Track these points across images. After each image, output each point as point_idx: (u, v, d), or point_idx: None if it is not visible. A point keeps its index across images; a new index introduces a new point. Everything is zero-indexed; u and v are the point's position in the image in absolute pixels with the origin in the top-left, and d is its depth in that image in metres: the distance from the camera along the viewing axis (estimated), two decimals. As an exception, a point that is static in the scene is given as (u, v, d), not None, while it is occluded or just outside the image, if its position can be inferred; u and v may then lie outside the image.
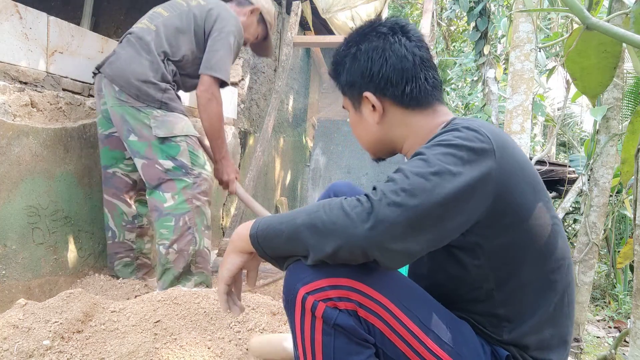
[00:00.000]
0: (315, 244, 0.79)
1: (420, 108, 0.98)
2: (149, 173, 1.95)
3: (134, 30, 2.06)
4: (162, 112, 1.93)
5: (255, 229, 0.87)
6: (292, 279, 0.85)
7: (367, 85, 0.99)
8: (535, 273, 0.89)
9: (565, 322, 0.94)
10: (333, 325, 0.82)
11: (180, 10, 2.08)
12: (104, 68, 2.00)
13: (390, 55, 0.96)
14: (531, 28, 2.37)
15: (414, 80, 0.96)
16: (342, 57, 1.03)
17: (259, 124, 3.79)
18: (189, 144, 1.97)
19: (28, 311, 1.47)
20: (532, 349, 0.90)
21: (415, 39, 0.99)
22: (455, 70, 7.49)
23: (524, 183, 0.87)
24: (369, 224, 0.74)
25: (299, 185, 4.83)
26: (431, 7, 3.50)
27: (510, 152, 0.86)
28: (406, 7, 10.16)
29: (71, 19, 2.33)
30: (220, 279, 0.96)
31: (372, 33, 1.00)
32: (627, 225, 4.60)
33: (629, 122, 1.65)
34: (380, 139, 1.04)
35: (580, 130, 8.85)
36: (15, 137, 1.83)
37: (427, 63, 0.99)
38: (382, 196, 0.76)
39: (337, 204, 0.79)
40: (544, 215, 0.89)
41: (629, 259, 2.15)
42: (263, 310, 1.86)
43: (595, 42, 1.29)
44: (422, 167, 0.78)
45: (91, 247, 2.23)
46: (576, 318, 2.66)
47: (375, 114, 1.00)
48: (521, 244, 0.87)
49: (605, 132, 2.44)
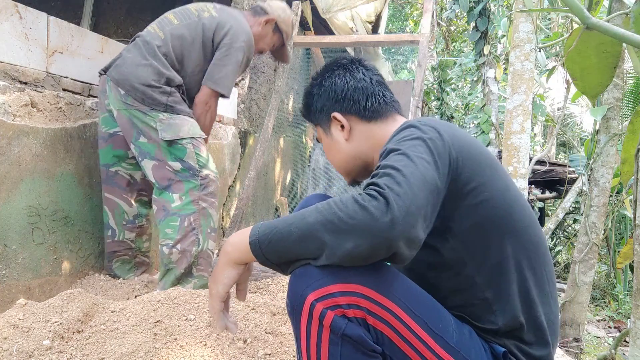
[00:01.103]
0: (333, 241, 0.77)
1: (381, 119, 1.11)
2: (160, 174, 1.98)
3: (142, 33, 2.07)
4: (168, 115, 1.95)
5: (255, 236, 0.84)
6: (300, 284, 0.82)
7: (334, 106, 1.12)
8: (509, 250, 0.91)
9: (550, 300, 0.96)
10: (341, 335, 0.80)
11: (190, 20, 2.09)
12: (111, 71, 2.01)
13: (351, 79, 1.12)
14: (531, 28, 2.37)
15: (373, 97, 1.11)
16: (310, 90, 1.18)
17: (259, 124, 3.79)
18: (195, 145, 1.99)
19: (28, 311, 1.47)
20: (526, 331, 0.92)
21: (371, 68, 1.17)
22: (455, 70, 7.49)
23: (480, 164, 0.92)
24: (388, 216, 0.74)
25: (299, 185, 4.83)
26: (431, 7, 3.50)
27: (461, 137, 0.92)
28: (406, 7, 10.17)
29: (71, 19, 2.33)
30: (214, 295, 0.90)
31: (334, 65, 1.17)
32: (627, 225, 4.60)
33: (629, 122, 1.65)
34: (351, 156, 1.13)
35: (580, 130, 8.84)
36: (15, 137, 1.83)
37: (383, 84, 1.15)
38: (388, 189, 0.77)
39: (350, 200, 0.78)
40: (508, 192, 0.94)
41: (629, 259, 2.15)
42: (263, 310, 1.86)
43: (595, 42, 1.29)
44: (405, 160, 0.82)
45: (91, 247, 2.23)
46: (576, 318, 2.66)
47: (343, 132, 1.12)
48: (491, 222, 0.91)
49: (605, 132, 2.44)
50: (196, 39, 2.06)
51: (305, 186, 4.76)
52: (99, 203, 2.21)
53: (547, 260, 0.98)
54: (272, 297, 2.20)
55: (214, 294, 0.90)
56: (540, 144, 8.78)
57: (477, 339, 0.91)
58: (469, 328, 0.92)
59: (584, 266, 2.61)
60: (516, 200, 0.95)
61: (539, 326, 0.93)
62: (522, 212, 0.95)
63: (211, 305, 0.92)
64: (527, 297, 0.92)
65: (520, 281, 0.92)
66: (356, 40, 3.84)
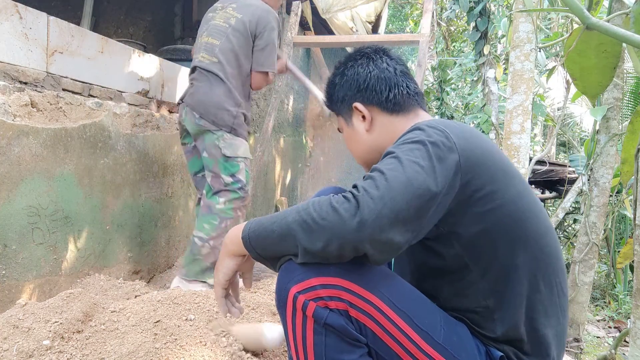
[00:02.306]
0: (306, 240, 0.80)
1: (403, 112, 1.08)
2: (214, 183, 2.32)
3: (198, 65, 2.33)
4: (231, 136, 2.30)
5: (246, 232, 0.88)
6: (284, 278, 0.86)
7: (355, 96, 1.10)
8: (519, 258, 0.90)
9: (558, 312, 0.93)
10: (323, 324, 0.83)
11: (226, 33, 2.34)
12: (186, 99, 2.34)
13: (374, 68, 1.09)
14: (531, 28, 2.37)
15: (396, 87, 1.08)
16: (332, 79, 1.16)
17: (259, 124, 3.79)
18: (246, 165, 2.36)
19: (28, 311, 1.47)
20: (526, 343, 0.90)
21: (396, 57, 1.13)
22: (455, 70, 7.49)
23: (493, 170, 0.90)
24: (357, 218, 0.77)
25: (299, 185, 4.83)
26: (431, 7, 3.50)
27: (474, 141, 0.90)
28: (406, 7, 10.17)
29: (71, 19, 2.33)
30: (216, 283, 0.98)
31: (358, 54, 1.14)
32: (627, 225, 4.60)
33: (629, 122, 1.65)
34: (371, 147, 1.11)
35: (580, 130, 8.84)
36: (15, 137, 1.83)
37: (407, 75, 1.11)
38: (364, 192, 0.79)
39: (326, 201, 0.81)
40: (521, 200, 0.91)
41: (629, 259, 2.15)
42: (263, 310, 1.86)
43: (595, 42, 1.29)
44: (395, 164, 0.83)
45: (91, 247, 2.23)
46: (576, 318, 2.66)
47: (364, 123, 1.10)
48: (500, 230, 0.89)
49: (605, 132, 2.44)
50: (240, 45, 2.33)
51: (305, 186, 4.76)
52: (99, 203, 2.22)
53: (559, 270, 0.95)
54: (272, 297, 2.20)
55: (216, 281, 0.98)
56: (540, 144, 8.78)
57: (472, 340, 0.90)
58: (464, 328, 0.91)
59: (584, 266, 2.61)
60: (530, 208, 0.92)
61: (541, 340, 0.91)
62: (536, 220, 0.93)
63: (215, 292, 0.99)
64: (533, 308, 0.91)
65: (529, 291, 0.90)
66: (356, 40, 3.83)
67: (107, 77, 2.33)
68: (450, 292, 0.94)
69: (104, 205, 2.28)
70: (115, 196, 2.35)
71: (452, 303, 0.94)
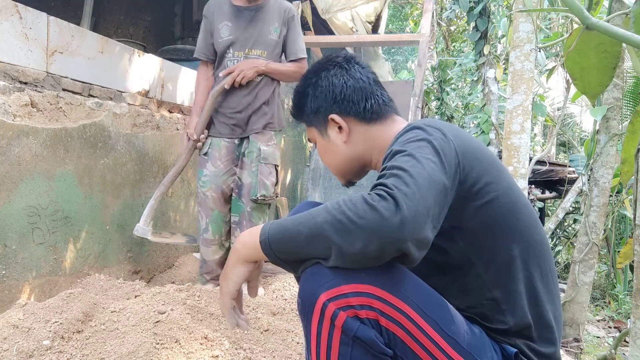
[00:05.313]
0: (342, 241, 0.76)
1: (380, 120, 1.08)
2: None
3: None
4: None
5: (265, 235, 0.84)
6: (312, 283, 0.82)
7: (332, 107, 1.07)
8: (516, 248, 0.92)
9: (554, 297, 0.96)
10: (352, 337, 0.80)
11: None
12: None
13: (349, 78, 1.07)
14: (531, 28, 2.37)
15: (372, 97, 1.07)
16: (303, 89, 1.12)
17: (259, 124, 3.78)
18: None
19: (28, 311, 1.47)
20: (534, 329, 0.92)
21: (366, 66, 1.12)
22: (455, 70, 7.48)
23: (485, 164, 0.92)
24: (398, 216, 0.73)
25: (299, 185, 4.83)
26: (431, 7, 3.50)
27: (465, 138, 0.92)
28: (406, 7, 10.17)
29: (71, 19, 2.33)
30: (225, 293, 0.91)
31: (330, 64, 1.11)
32: (627, 225, 4.60)
33: (629, 122, 1.65)
34: (350, 158, 1.10)
35: (580, 130, 8.85)
36: (15, 137, 1.83)
37: (379, 84, 1.11)
38: (397, 190, 0.76)
39: (360, 199, 0.77)
40: (512, 192, 0.94)
41: (629, 259, 2.15)
42: (263, 310, 1.86)
43: (595, 42, 1.29)
44: (412, 161, 0.81)
45: (91, 247, 2.23)
46: (576, 318, 2.66)
47: (342, 134, 1.08)
48: (497, 221, 0.91)
49: (605, 132, 2.44)
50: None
51: (305, 186, 4.75)
52: (99, 203, 2.21)
53: (550, 258, 0.98)
54: (272, 297, 2.20)
55: (225, 291, 0.91)
56: (540, 144, 8.77)
57: (488, 340, 0.91)
58: (480, 329, 0.92)
59: (584, 266, 2.61)
60: (519, 200, 0.95)
61: (546, 324, 0.93)
62: (526, 211, 0.95)
63: (222, 303, 0.93)
64: (534, 295, 0.93)
65: (527, 279, 0.92)
66: (356, 40, 3.83)
67: (107, 77, 2.33)
68: (456, 288, 0.95)
69: (104, 205, 2.28)
70: (115, 196, 2.35)
71: (459, 299, 0.94)
